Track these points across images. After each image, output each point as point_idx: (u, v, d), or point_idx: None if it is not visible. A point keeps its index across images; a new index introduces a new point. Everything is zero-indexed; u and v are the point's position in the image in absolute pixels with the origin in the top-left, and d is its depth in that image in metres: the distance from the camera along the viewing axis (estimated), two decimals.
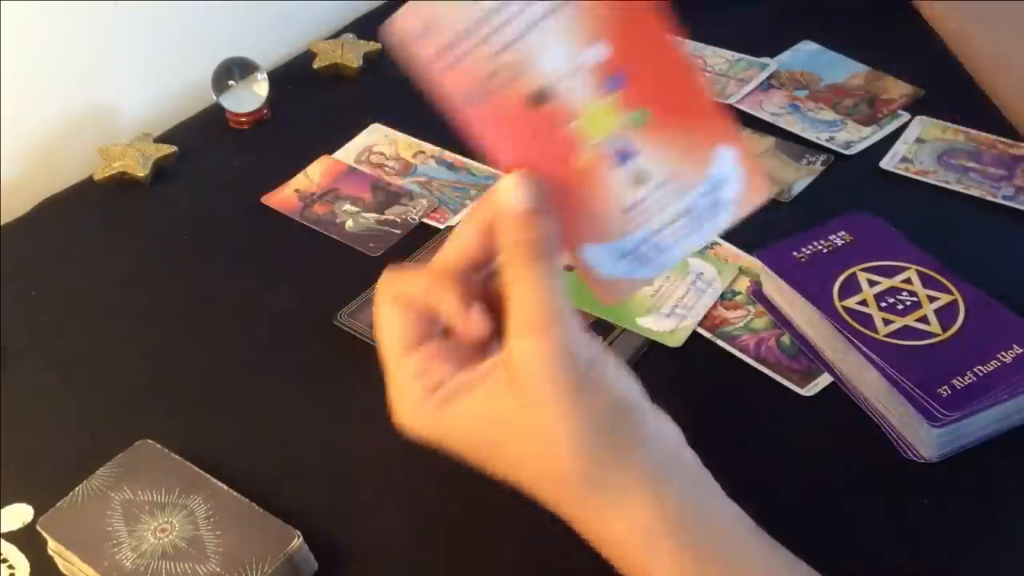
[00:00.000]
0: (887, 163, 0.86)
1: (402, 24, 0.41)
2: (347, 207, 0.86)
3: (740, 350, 0.71)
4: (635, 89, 0.43)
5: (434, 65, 0.41)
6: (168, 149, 0.92)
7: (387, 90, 0.95)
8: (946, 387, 0.62)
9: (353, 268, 0.80)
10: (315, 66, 1.02)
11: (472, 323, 0.45)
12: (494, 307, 0.46)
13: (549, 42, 0.41)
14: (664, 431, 0.46)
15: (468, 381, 0.45)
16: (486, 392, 0.44)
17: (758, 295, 0.74)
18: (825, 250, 0.71)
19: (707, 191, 0.45)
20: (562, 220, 0.44)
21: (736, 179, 0.46)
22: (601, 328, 0.72)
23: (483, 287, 0.47)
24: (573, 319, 0.43)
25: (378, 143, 0.93)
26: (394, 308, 0.47)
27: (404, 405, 0.46)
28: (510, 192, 0.44)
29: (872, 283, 0.69)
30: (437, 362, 0.46)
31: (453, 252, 0.46)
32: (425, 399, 0.45)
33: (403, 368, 0.46)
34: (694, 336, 0.72)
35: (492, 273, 0.47)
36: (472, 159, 0.90)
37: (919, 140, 0.88)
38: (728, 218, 0.47)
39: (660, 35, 0.43)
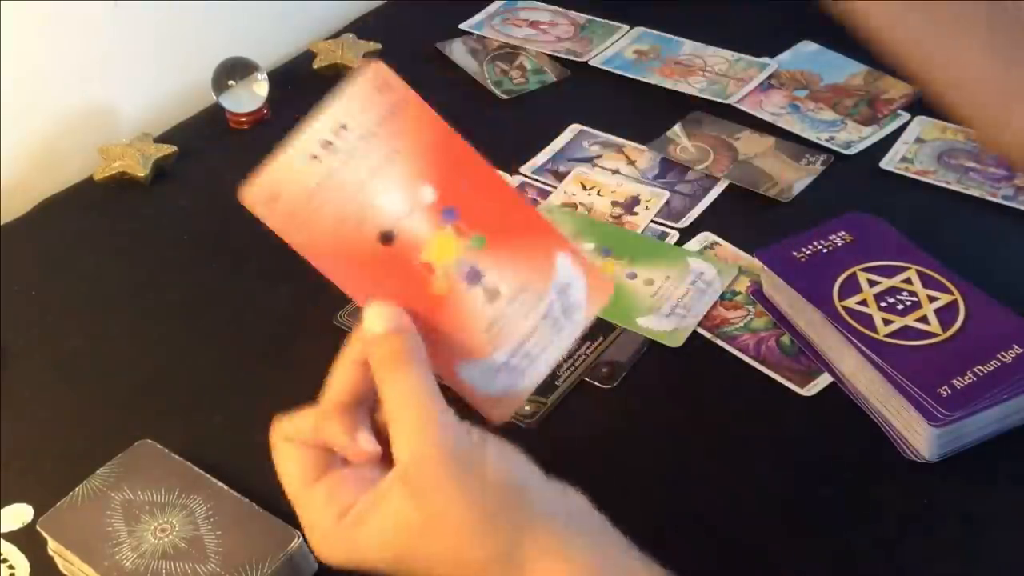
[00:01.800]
0: (887, 163, 0.86)
1: (252, 194, 0.46)
2: None
3: (740, 350, 0.71)
4: (467, 218, 0.48)
5: (288, 225, 0.46)
6: (168, 149, 0.92)
7: None
8: (946, 387, 0.61)
9: None
10: (315, 66, 1.02)
11: (360, 447, 0.48)
12: (384, 429, 0.48)
13: (384, 191, 0.47)
14: (560, 500, 0.48)
15: (372, 499, 0.47)
16: (389, 504, 0.46)
17: (758, 295, 0.74)
18: (825, 250, 0.71)
19: (557, 296, 0.49)
20: (432, 345, 0.48)
21: (579, 282, 0.50)
22: (602, 328, 0.72)
23: (372, 414, 0.50)
24: (447, 415, 0.46)
25: None
26: (289, 447, 0.50)
27: (318, 536, 0.48)
28: (371, 320, 0.47)
29: (872, 283, 0.69)
30: (341, 488, 0.48)
31: (335, 389, 0.49)
32: (336, 526, 0.47)
33: (310, 501, 0.49)
34: (694, 336, 0.72)
35: (376, 400, 0.49)
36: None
37: (919, 140, 0.88)
38: (584, 317, 0.50)
39: (478, 169, 0.49)
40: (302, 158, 0.46)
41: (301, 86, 1.01)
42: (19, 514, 0.64)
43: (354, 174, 0.46)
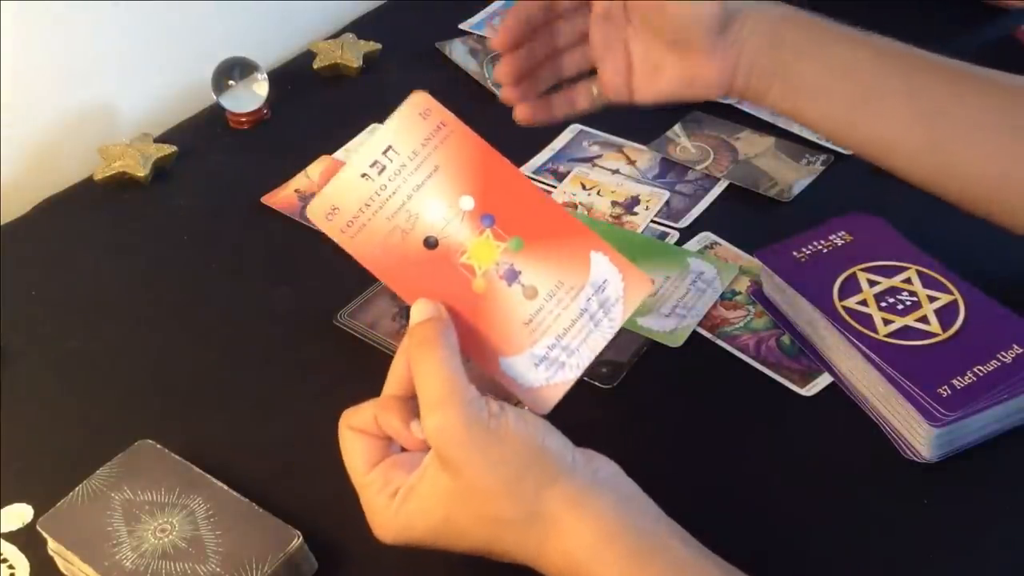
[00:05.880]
0: None
1: (314, 209, 0.53)
2: None
3: (740, 350, 0.71)
4: (504, 223, 0.54)
5: (344, 235, 0.53)
6: (168, 149, 0.92)
7: (387, 90, 0.95)
8: (946, 387, 0.62)
9: (353, 268, 0.80)
10: (315, 66, 1.02)
11: (413, 436, 0.52)
12: None
13: (429, 201, 0.53)
14: (584, 462, 0.52)
15: (417, 476, 0.52)
16: (427, 478, 0.51)
17: (758, 295, 0.74)
18: (825, 250, 0.71)
19: (593, 293, 0.54)
20: (475, 342, 0.53)
21: (615, 278, 0.54)
22: None
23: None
24: (468, 387, 0.50)
25: None
26: (353, 435, 0.54)
27: (376, 518, 0.53)
28: (414, 314, 0.53)
29: (872, 283, 0.69)
30: (394, 472, 0.53)
31: (391, 382, 0.55)
32: (389, 505, 0.52)
33: (368, 485, 0.53)
34: (694, 336, 0.72)
35: None
36: None
37: None
38: (620, 313, 0.54)
39: (514, 179, 0.55)
40: (355, 177, 0.53)
41: (301, 86, 1.01)
42: (19, 514, 0.64)
43: (400, 189, 0.53)
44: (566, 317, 0.54)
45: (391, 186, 0.53)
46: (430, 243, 0.53)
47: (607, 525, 0.49)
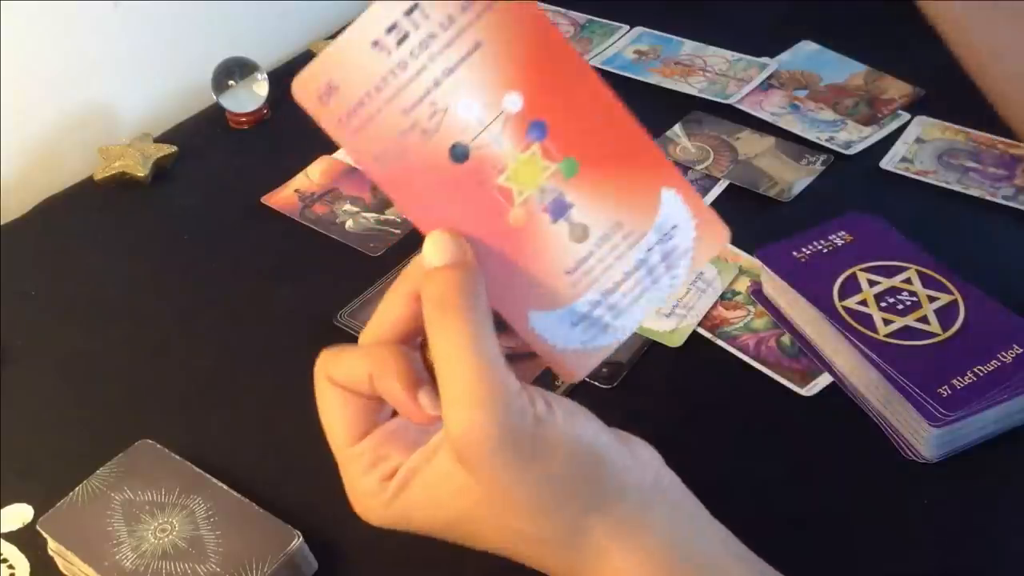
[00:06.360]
0: (887, 163, 0.86)
1: (303, 84, 0.39)
2: (347, 207, 0.86)
3: (740, 350, 0.71)
4: (559, 137, 0.40)
5: (343, 127, 0.39)
6: (168, 149, 0.92)
7: None
8: (946, 387, 0.61)
9: (353, 268, 0.80)
10: None
11: (422, 412, 0.41)
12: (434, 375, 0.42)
13: (461, 93, 0.39)
14: (634, 466, 0.43)
15: (420, 458, 0.42)
16: (437, 471, 0.42)
17: (758, 295, 0.74)
18: (825, 250, 0.71)
19: (657, 241, 0.42)
20: (502, 287, 0.41)
21: (688, 224, 0.43)
22: None
23: (421, 356, 0.44)
24: (508, 378, 0.39)
25: None
26: (335, 395, 0.44)
27: (361, 499, 0.44)
28: (429, 250, 0.41)
29: (872, 283, 0.69)
30: (386, 448, 0.43)
31: (382, 325, 0.43)
32: (381, 491, 0.43)
33: (353, 460, 0.44)
34: (694, 336, 0.72)
35: (424, 341, 0.43)
36: None
37: (919, 140, 0.88)
38: (686, 269, 0.43)
39: (579, 75, 0.40)
40: (364, 44, 0.38)
41: None
42: (19, 514, 0.64)
43: (426, 70, 0.39)
44: (619, 268, 0.42)
45: (413, 65, 0.38)
46: (458, 153, 0.40)
47: (655, 558, 0.41)
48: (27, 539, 0.62)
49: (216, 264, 0.83)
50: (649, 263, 0.43)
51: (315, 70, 0.38)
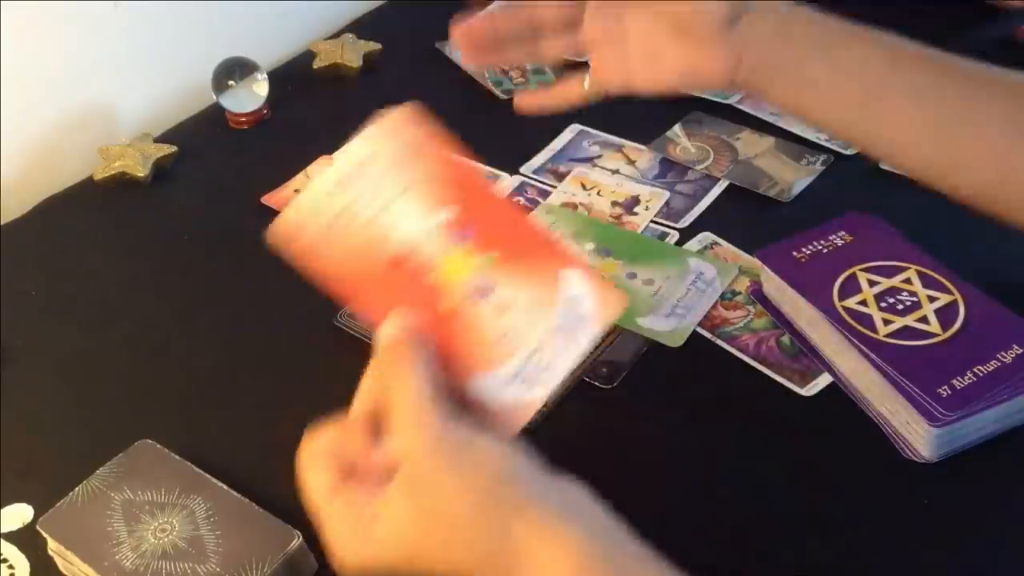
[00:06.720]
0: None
1: (276, 231, 0.51)
2: None
3: (740, 350, 0.71)
4: (482, 237, 0.51)
5: (309, 255, 0.50)
6: (168, 149, 0.92)
7: (387, 90, 0.95)
8: (946, 387, 0.61)
9: None
10: (315, 66, 1.02)
11: (374, 460, 0.49)
12: None
13: (399, 218, 0.50)
14: (553, 488, 0.48)
15: (383, 500, 0.48)
16: (393, 503, 0.48)
17: (758, 295, 0.74)
18: (825, 250, 0.71)
19: (567, 309, 0.52)
20: (445, 361, 0.50)
21: (588, 294, 0.52)
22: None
23: None
24: (441, 408, 0.48)
25: None
26: (316, 461, 0.50)
27: (340, 544, 0.49)
28: (383, 329, 0.50)
29: (872, 283, 0.69)
30: (358, 495, 0.49)
31: (358, 405, 0.51)
32: (354, 531, 0.48)
33: (331, 510, 0.49)
34: (694, 336, 0.72)
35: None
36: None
37: None
38: (594, 329, 0.52)
39: (491, 196, 0.54)
40: (322, 194, 0.50)
41: (301, 86, 1.02)
42: (19, 514, 0.64)
43: (370, 205, 0.50)
44: (538, 334, 0.52)
45: (359, 201, 0.50)
46: (400, 259, 0.51)
47: (583, 552, 0.46)
48: (27, 539, 0.62)
49: (216, 264, 0.83)
50: (563, 327, 0.52)
51: (284, 219, 0.51)
